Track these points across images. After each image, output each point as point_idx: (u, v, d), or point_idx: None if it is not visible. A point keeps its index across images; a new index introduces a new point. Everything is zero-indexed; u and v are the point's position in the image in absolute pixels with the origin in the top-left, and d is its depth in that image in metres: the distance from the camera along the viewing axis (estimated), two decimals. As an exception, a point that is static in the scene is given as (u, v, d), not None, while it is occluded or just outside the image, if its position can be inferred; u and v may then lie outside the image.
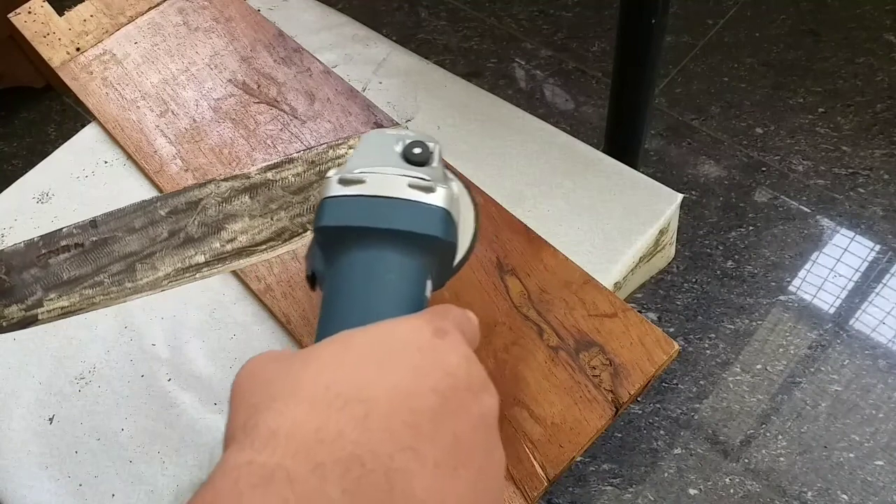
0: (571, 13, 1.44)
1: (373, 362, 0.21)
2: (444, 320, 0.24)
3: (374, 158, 0.30)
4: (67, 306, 0.33)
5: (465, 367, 0.22)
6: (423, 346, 0.22)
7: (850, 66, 1.27)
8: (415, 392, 0.20)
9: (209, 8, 0.63)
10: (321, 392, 0.19)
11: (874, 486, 0.91)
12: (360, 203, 0.28)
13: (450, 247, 0.30)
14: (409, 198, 0.28)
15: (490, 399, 0.23)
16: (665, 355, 0.41)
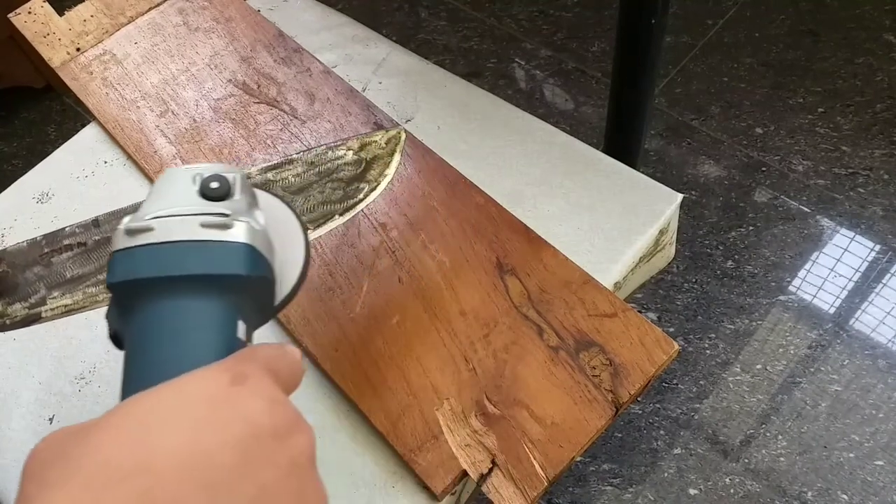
0: (571, 13, 1.44)
1: (156, 426, 0.19)
2: (245, 364, 0.22)
3: (168, 200, 0.28)
4: (71, 304, 0.33)
5: (268, 411, 0.21)
6: (216, 398, 0.21)
7: (850, 66, 1.27)
8: (207, 451, 0.19)
9: (209, 8, 0.63)
10: (99, 469, 0.18)
11: (874, 486, 0.91)
12: (148, 252, 0.26)
13: (260, 281, 0.28)
14: (203, 238, 0.27)
15: (302, 439, 0.22)
16: (665, 355, 0.41)
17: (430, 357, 0.43)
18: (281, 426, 0.21)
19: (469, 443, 0.40)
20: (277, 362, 0.24)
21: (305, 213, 0.36)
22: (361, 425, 0.42)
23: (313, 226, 0.36)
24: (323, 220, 0.37)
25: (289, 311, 0.46)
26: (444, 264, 0.46)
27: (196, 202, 0.28)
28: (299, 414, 0.23)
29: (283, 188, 0.37)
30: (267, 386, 0.22)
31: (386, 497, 0.40)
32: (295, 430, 0.22)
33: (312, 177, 0.37)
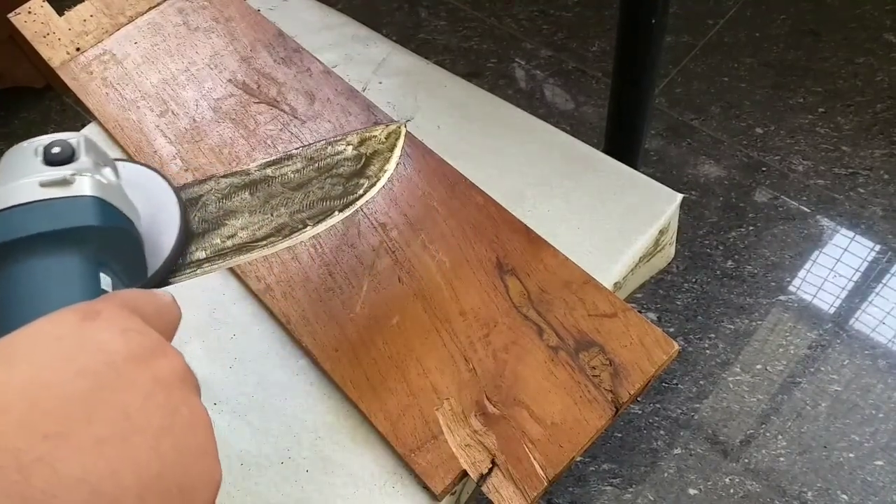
0: (571, 13, 1.44)
1: (2, 366, 0.19)
2: (98, 303, 0.22)
3: (11, 174, 0.28)
4: None
5: (122, 339, 0.21)
6: (65, 334, 0.20)
7: (850, 66, 1.27)
8: (56, 381, 0.19)
9: (209, 8, 0.63)
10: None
11: (874, 486, 0.91)
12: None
13: (116, 233, 0.28)
14: (44, 197, 0.27)
15: (165, 361, 0.22)
16: (665, 355, 0.41)
17: (430, 357, 0.43)
18: (138, 351, 0.21)
19: (469, 443, 0.40)
20: (139, 300, 0.24)
21: (305, 210, 0.36)
22: (361, 425, 0.43)
23: (313, 222, 0.36)
24: (322, 216, 0.37)
25: (289, 311, 0.46)
26: (444, 264, 0.46)
27: (39, 169, 0.28)
28: (163, 340, 0.22)
29: (282, 184, 0.36)
30: (122, 318, 0.22)
31: (386, 497, 0.40)
32: (158, 354, 0.22)
33: (312, 172, 0.37)
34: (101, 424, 0.19)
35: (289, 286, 0.47)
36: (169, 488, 0.19)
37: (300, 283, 0.47)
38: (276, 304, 0.46)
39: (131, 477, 0.19)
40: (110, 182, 0.29)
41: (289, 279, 0.47)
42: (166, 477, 0.19)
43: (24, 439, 0.17)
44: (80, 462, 0.18)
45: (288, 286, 0.47)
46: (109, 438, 0.19)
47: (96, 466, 0.18)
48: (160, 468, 0.19)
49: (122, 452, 0.19)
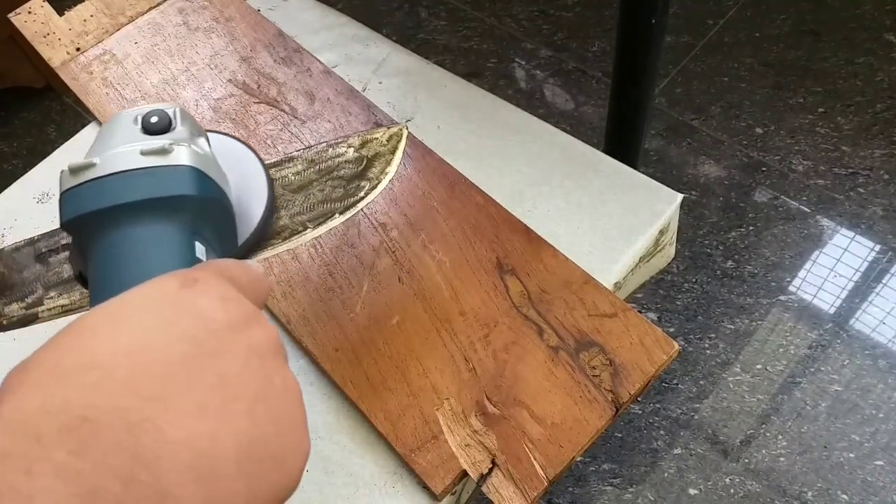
0: (571, 13, 1.44)
1: (104, 329, 0.20)
2: (195, 271, 0.23)
3: (111, 141, 0.29)
4: (68, 304, 0.33)
5: (220, 307, 0.21)
6: (165, 299, 0.21)
7: (850, 66, 1.27)
8: (158, 345, 0.19)
9: (209, 8, 0.63)
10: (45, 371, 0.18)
11: (874, 486, 0.91)
12: (93, 187, 0.27)
13: (210, 203, 0.28)
14: (144, 165, 0.27)
15: (260, 330, 0.22)
16: (665, 355, 0.41)
17: (430, 357, 0.43)
18: (235, 320, 0.21)
19: (469, 443, 0.40)
20: (233, 270, 0.24)
21: (305, 212, 0.36)
22: (361, 425, 0.43)
23: (313, 224, 0.36)
24: (323, 219, 0.37)
25: (289, 311, 0.46)
26: (444, 264, 0.46)
27: (138, 137, 0.28)
28: (257, 310, 0.23)
29: (283, 186, 0.36)
30: (219, 286, 0.22)
31: (386, 497, 0.40)
32: (252, 324, 0.22)
33: (312, 175, 0.37)
34: (201, 389, 0.19)
35: (289, 286, 0.47)
36: (263, 455, 0.20)
37: (300, 283, 0.47)
38: (276, 304, 0.46)
39: (229, 442, 0.19)
40: (205, 152, 0.29)
41: (289, 279, 0.47)
42: (261, 444, 0.20)
43: (131, 400, 0.18)
44: (183, 425, 0.18)
45: (288, 286, 0.47)
46: (209, 403, 0.19)
47: (197, 430, 0.18)
48: (255, 435, 0.20)
49: (220, 418, 0.19)
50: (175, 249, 0.27)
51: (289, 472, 0.21)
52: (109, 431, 0.17)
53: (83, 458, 0.16)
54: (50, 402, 0.17)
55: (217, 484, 0.18)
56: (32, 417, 0.17)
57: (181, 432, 0.18)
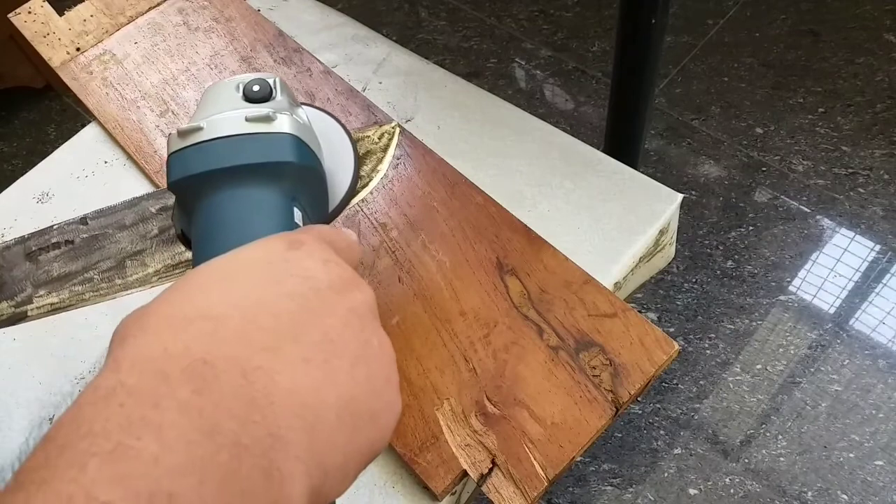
0: (571, 13, 1.44)
1: (218, 283, 0.21)
2: (300, 234, 0.24)
3: (215, 107, 0.30)
4: (57, 303, 0.33)
5: (324, 269, 0.22)
6: (274, 259, 0.22)
7: (850, 65, 1.27)
8: (268, 301, 0.21)
9: (209, 8, 0.63)
10: (165, 320, 0.20)
11: (874, 486, 0.91)
12: (200, 150, 0.28)
13: (308, 171, 0.29)
14: (249, 131, 0.28)
15: (360, 294, 0.23)
16: (665, 355, 0.41)
17: (430, 357, 0.43)
18: (337, 282, 0.22)
19: (469, 443, 0.40)
20: (331, 235, 0.25)
21: None
22: (361, 425, 0.42)
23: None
24: None
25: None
26: (444, 264, 0.46)
27: (240, 104, 0.30)
28: (356, 274, 0.24)
29: None
30: (321, 250, 0.23)
31: (386, 497, 0.40)
32: (352, 287, 0.23)
33: None
34: (306, 344, 0.20)
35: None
36: (360, 412, 0.21)
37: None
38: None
39: (332, 396, 0.20)
40: (304, 122, 0.30)
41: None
42: (359, 401, 0.21)
43: (243, 349, 0.19)
44: (291, 375, 0.19)
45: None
46: (313, 358, 0.20)
47: (303, 381, 0.19)
48: (354, 392, 0.21)
49: (323, 372, 0.20)
50: (275, 213, 0.28)
51: (382, 429, 0.22)
52: (227, 376, 0.18)
53: (204, 398, 0.17)
54: (172, 347, 0.18)
55: (320, 433, 0.19)
56: (157, 360, 0.18)
57: (290, 382, 0.19)
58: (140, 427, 0.16)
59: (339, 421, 0.20)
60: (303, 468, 0.18)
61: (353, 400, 0.20)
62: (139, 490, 0.15)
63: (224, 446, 0.17)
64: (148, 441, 0.16)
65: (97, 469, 0.15)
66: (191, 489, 0.16)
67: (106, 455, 0.15)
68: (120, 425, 0.16)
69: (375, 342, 0.22)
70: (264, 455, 0.17)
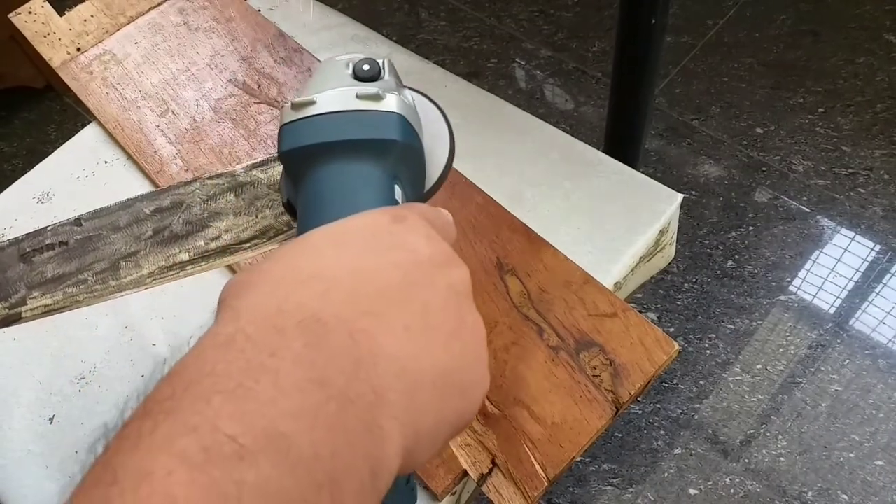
0: (571, 13, 1.44)
1: (329, 248, 0.22)
2: (403, 209, 0.25)
3: (326, 83, 0.31)
4: (51, 304, 0.32)
5: (426, 244, 0.23)
6: (379, 231, 0.23)
7: (851, 66, 1.27)
8: (375, 269, 0.22)
9: (209, 8, 0.63)
10: (279, 278, 0.21)
11: (874, 486, 0.91)
12: (312, 123, 0.29)
13: (411, 150, 0.30)
14: (359, 108, 0.29)
15: (458, 271, 0.24)
16: (665, 355, 0.41)
17: (431, 357, 0.43)
18: (438, 257, 0.23)
19: (469, 443, 0.40)
20: (431, 213, 0.26)
21: None
22: (361, 425, 0.42)
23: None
24: None
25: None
26: (445, 264, 0.46)
27: (351, 82, 0.31)
28: (454, 252, 0.25)
29: (268, 185, 0.36)
30: (423, 226, 0.24)
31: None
32: (451, 263, 0.24)
33: None
34: (408, 314, 0.21)
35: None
36: (453, 383, 0.22)
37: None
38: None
39: (428, 364, 0.21)
40: (410, 103, 0.31)
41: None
42: (452, 373, 0.22)
43: (352, 311, 0.20)
44: (393, 341, 0.20)
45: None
46: (414, 328, 0.21)
47: (404, 348, 0.20)
48: (449, 364, 0.22)
49: (422, 342, 0.21)
50: (378, 189, 0.29)
51: (471, 402, 0.23)
52: (336, 335, 0.19)
53: (316, 352, 0.18)
54: (286, 303, 0.20)
55: (416, 398, 0.20)
56: (273, 314, 0.19)
57: (392, 347, 0.20)
58: (259, 372, 0.17)
59: (434, 389, 0.21)
60: (400, 428, 0.19)
61: (447, 371, 0.21)
62: (257, 427, 0.16)
63: (333, 397, 0.18)
64: (265, 385, 0.17)
65: (220, 405, 0.16)
66: (303, 432, 0.17)
67: (228, 393, 0.17)
68: (241, 369, 0.17)
69: (470, 319, 0.23)
70: (368, 410, 0.18)
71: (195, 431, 0.16)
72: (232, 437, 0.16)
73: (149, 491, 0.15)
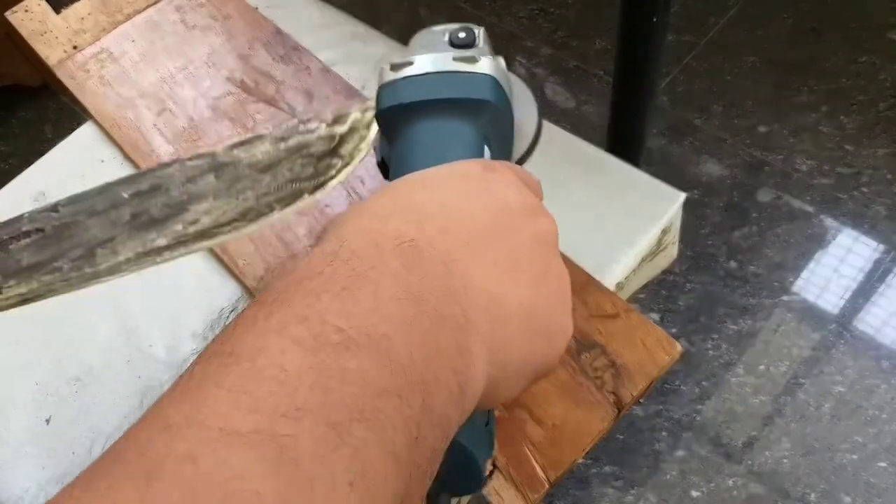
0: (572, 11, 1.43)
1: (422, 188, 0.24)
2: (495, 162, 0.26)
3: (424, 48, 0.32)
4: (26, 293, 0.32)
5: (516, 194, 0.25)
6: (472, 176, 0.24)
7: (853, 64, 1.26)
8: (465, 209, 0.23)
9: (207, 6, 0.62)
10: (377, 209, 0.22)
11: (877, 487, 0.90)
12: (410, 82, 0.31)
13: (500, 112, 0.31)
14: (455, 69, 0.31)
15: (545, 220, 0.25)
16: (667, 356, 0.40)
17: (430, 358, 0.42)
18: (526, 207, 0.25)
19: (469, 445, 0.39)
20: (521, 171, 0.27)
21: (273, 192, 0.34)
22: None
23: (281, 205, 0.35)
24: (291, 199, 0.35)
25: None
26: (444, 264, 0.45)
27: (448, 48, 0.33)
28: (542, 205, 0.26)
29: (249, 165, 0.35)
30: (513, 178, 0.26)
31: (385, 500, 0.40)
32: (539, 214, 0.25)
33: (281, 153, 0.35)
34: (498, 252, 0.22)
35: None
36: (538, 326, 0.23)
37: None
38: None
39: (514, 302, 0.22)
40: (502, 68, 0.33)
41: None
42: (537, 315, 0.23)
43: (444, 242, 0.21)
44: (482, 274, 0.22)
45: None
46: (502, 266, 0.22)
47: (492, 282, 0.22)
48: (535, 307, 0.23)
49: (509, 281, 0.22)
50: (470, 146, 0.30)
51: (554, 347, 0.24)
52: (430, 261, 0.21)
53: (412, 272, 0.20)
54: (385, 228, 0.21)
55: (503, 331, 0.21)
56: (374, 234, 0.21)
57: (481, 280, 0.21)
58: (361, 280, 0.19)
59: (520, 326, 0.22)
60: (487, 355, 0.21)
61: (532, 312, 0.22)
62: (361, 325, 0.18)
63: (427, 314, 0.19)
64: (367, 293, 0.19)
65: (328, 302, 0.18)
66: (401, 336, 0.18)
67: (335, 293, 0.18)
68: (345, 275, 0.19)
69: (555, 267, 0.24)
70: (459, 331, 0.20)
71: (306, 321, 0.18)
72: (339, 329, 0.17)
73: (265, 363, 0.16)
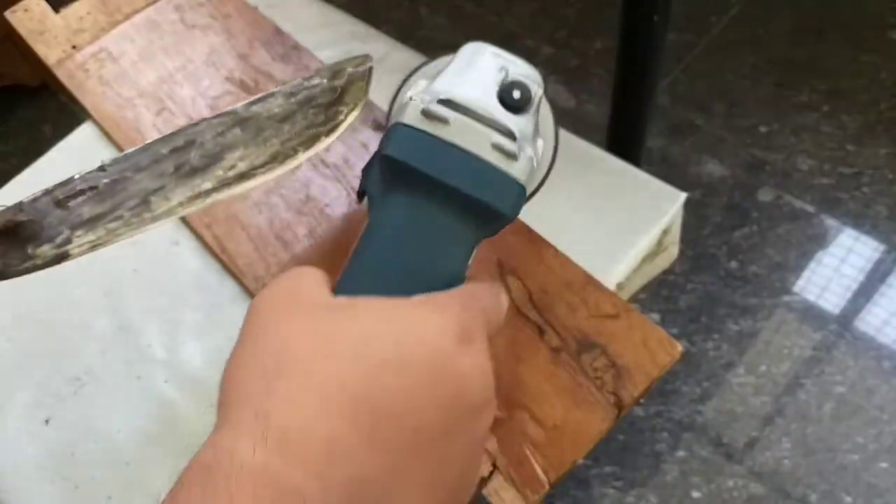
0: (573, 10, 1.43)
1: (392, 368, 0.21)
2: (473, 319, 0.23)
3: (468, 86, 0.27)
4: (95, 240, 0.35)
5: (479, 382, 0.22)
6: (444, 352, 0.22)
7: (855, 64, 1.26)
8: (423, 407, 0.21)
9: (206, 5, 0.62)
10: (333, 389, 0.20)
11: (878, 488, 0.90)
12: (434, 146, 0.26)
13: (509, 223, 0.28)
14: (489, 160, 0.26)
15: (487, 417, 0.23)
16: (668, 357, 0.40)
17: (430, 359, 0.42)
18: (479, 402, 0.23)
19: (469, 446, 0.39)
20: (492, 312, 0.25)
21: (294, 138, 0.38)
22: (359, 428, 0.42)
23: (304, 147, 0.36)
24: (311, 142, 0.37)
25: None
26: (444, 264, 0.45)
27: (494, 106, 0.27)
28: (493, 385, 0.24)
29: (269, 118, 0.38)
30: (482, 351, 0.23)
31: (384, 501, 0.40)
32: (487, 407, 0.23)
33: (294, 106, 0.39)
34: (427, 470, 0.21)
35: (286, 286, 0.46)
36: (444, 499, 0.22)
37: (298, 284, 0.46)
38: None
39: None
40: (536, 159, 0.28)
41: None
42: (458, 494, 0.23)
43: (389, 466, 0.20)
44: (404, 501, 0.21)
45: (285, 286, 0.46)
46: (425, 485, 0.21)
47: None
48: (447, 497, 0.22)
49: (428, 495, 0.22)
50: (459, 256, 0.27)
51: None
52: (370, 498, 0.20)
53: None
54: (335, 442, 0.19)
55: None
56: (322, 455, 0.19)
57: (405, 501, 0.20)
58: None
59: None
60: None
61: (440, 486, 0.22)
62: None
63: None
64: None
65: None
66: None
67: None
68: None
69: (472, 471, 0.24)
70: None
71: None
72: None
73: None
